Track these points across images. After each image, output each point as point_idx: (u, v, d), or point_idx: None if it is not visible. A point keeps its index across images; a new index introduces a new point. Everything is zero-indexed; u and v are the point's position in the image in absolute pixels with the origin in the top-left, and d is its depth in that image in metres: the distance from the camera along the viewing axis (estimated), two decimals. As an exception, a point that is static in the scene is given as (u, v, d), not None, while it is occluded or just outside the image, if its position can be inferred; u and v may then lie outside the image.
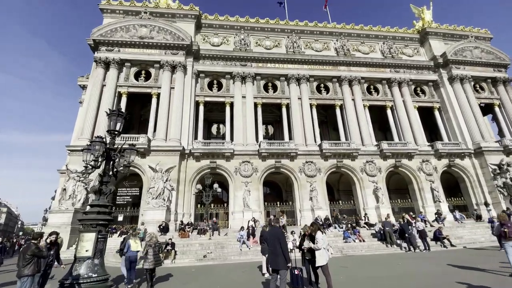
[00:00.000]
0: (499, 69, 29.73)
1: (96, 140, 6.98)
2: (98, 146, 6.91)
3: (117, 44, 23.92)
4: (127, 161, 7.63)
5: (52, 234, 6.36)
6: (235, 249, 13.33)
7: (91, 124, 21.31)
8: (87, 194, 18.90)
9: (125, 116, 7.82)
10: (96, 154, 6.92)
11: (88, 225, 6.28)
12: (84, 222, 6.35)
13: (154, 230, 16.94)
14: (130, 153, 7.63)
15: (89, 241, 6.14)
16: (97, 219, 6.38)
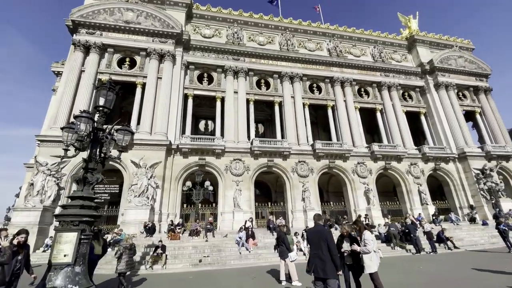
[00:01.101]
0: (481, 78, 31.14)
1: (82, 115, 5.59)
2: (84, 124, 5.53)
3: (99, 27, 21.86)
4: (120, 144, 6.26)
5: (21, 233, 4.86)
6: (234, 252, 12.12)
7: (66, 112, 19.11)
8: (59, 190, 16.81)
9: (117, 91, 6.46)
10: (82, 133, 5.52)
11: (68, 222, 4.91)
12: (63, 218, 4.97)
13: (137, 231, 15.29)
14: (124, 135, 6.27)
15: (68, 243, 4.79)
16: (80, 215, 5.02)
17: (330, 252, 4.15)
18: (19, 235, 4.83)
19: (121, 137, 6.29)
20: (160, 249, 10.56)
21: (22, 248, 4.78)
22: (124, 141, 6.33)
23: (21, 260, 4.67)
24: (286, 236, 7.20)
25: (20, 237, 4.76)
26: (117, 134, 6.35)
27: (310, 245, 4.57)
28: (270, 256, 11.45)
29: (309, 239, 4.70)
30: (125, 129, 6.33)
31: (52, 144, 17.73)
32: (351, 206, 22.80)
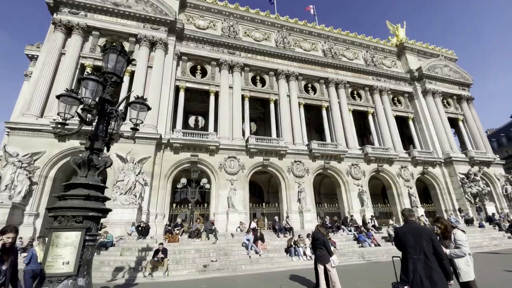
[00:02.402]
0: (463, 87, 32.63)
1: (90, 77, 4.37)
2: (93, 89, 4.31)
3: (84, 7, 19.88)
4: (134, 122, 5.07)
5: (7, 232, 3.47)
6: (243, 256, 11.00)
7: (42, 98, 16.99)
8: (31, 185, 14.77)
9: (128, 57, 5.27)
10: (89, 102, 4.29)
11: (69, 218, 3.67)
12: (61, 212, 3.73)
13: (124, 232, 13.69)
14: (139, 110, 5.07)
15: (69, 246, 3.57)
16: (85, 208, 3.81)
17: (439, 257, 3.34)
18: (3, 234, 3.49)
19: (135, 112, 5.07)
20: (161, 253, 9.22)
21: (8, 254, 3.46)
22: (139, 117, 5.11)
23: (6, 271, 3.31)
24: (326, 237, 6.36)
25: (6, 238, 3.43)
26: (131, 108, 5.13)
27: (406, 247, 3.72)
28: (284, 260, 10.56)
29: (401, 240, 3.85)
30: (141, 102, 5.11)
31: (25, 132, 15.64)
32: (345, 208, 22.52)
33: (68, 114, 4.51)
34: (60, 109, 4.54)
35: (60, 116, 4.52)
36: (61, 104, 4.53)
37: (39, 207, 15.01)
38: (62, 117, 4.50)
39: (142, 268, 9.25)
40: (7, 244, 3.43)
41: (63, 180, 17.28)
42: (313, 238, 6.37)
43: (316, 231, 6.46)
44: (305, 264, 9.95)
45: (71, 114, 4.55)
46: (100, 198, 4.11)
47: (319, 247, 6.09)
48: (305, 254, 10.70)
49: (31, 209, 14.60)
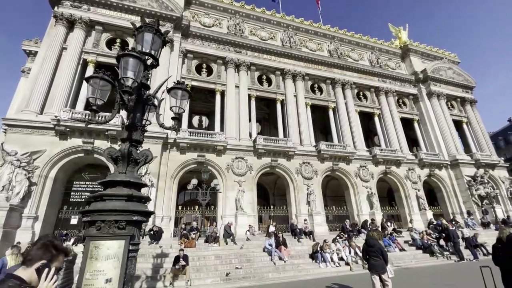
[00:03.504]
0: (467, 90, 32.67)
1: (132, 53, 3.68)
2: (135, 66, 3.63)
3: (87, 1, 19.10)
4: (174, 110, 4.39)
5: None
6: (267, 262, 10.28)
7: (42, 94, 16.10)
8: (30, 186, 13.84)
9: (164, 38, 4.63)
10: (131, 83, 3.61)
11: (111, 223, 2.98)
12: (101, 217, 3.03)
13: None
14: (181, 97, 4.39)
15: (111, 259, 2.88)
16: (128, 211, 3.13)
17: None
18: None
19: (176, 100, 4.37)
20: (182, 260, 8.45)
21: None
22: (180, 106, 4.42)
23: None
24: (382, 244, 5.78)
25: None
26: (171, 96, 4.45)
27: None
28: (311, 267, 9.92)
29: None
30: (181, 88, 4.43)
31: (24, 130, 14.73)
32: (354, 211, 22.03)
33: (99, 99, 3.82)
34: (89, 93, 3.85)
35: (90, 101, 3.83)
36: (91, 88, 3.85)
37: (38, 210, 14.08)
38: (92, 102, 3.82)
39: (161, 277, 8.48)
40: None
41: (64, 181, 16.41)
42: (367, 245, 5.75)
43: (370, 237, 5.86)
44: (335, 271, 9.36)
45: (102, 99, 3.86)
46: (142, 198, 3.43)
47: (374, 255, 5.48)
48: (332, 260, 10.10)
49: (30, 212, 13.67)
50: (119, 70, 3.67)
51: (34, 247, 1.71)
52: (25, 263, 1.63)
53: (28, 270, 1.59)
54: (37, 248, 1.68)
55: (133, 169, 3.61)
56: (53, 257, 1.68)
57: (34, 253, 1.66)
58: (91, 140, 15.71)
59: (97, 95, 3.77)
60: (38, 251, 1.67)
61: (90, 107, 3.81)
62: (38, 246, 1.69)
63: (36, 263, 1.61)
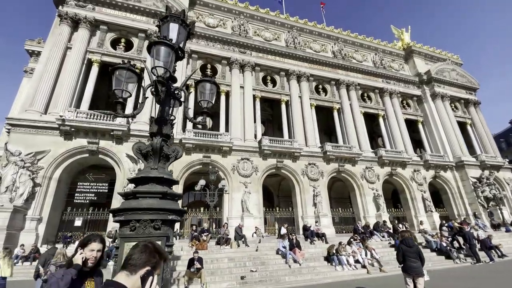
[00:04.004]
0: (470, 92, 32.63)
1: (164, 41, 3.47)
2: (167, 56, 3.42)
3: (92, 1, 18.94)
4: (203, 103, 4.16)
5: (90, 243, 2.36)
6: (282, 265, 9.99)
7: (46, 93, 15.87)
8: (34, 187, 13.54)
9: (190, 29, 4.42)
10: (163, 72, 3.40)
11: (146, 223, 2.74)
12: (135, 215, 2.78)
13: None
14: (210, 91, 4.16)
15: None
16: (165, 210, 2.89)
17: None
18: (85, 246, 2.33)
19: (204, 93, 4.14)
20: (197, 263, 8.17)
21: (92, 275, 2.33)
22: (208, 99, 4.17)
23: None
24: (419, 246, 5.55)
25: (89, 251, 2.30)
26: (198, 88, 4.21)
27: None
28: (327, 270, 9.65)
29: None
30: (210, 81, 4.19)
31: (28, 130, 14.47)
32: (360, 213, 21.78)
33: (125, 91, 3.59)
34: (115, 85, 3.63)
35: (116, 93, 3.61)
36: (116, 79, 3.63)
37: (42, 211, 13.78)
38: (118, 95, 3.59)
39: (175, 281, 8.18)
40: (90, 261, 2.33)
41: (67, 182, 16.12)
42: (405, 245, 5.48)
43: (407, 237, 5.62)
44: (353, 274, 9.10)
45: (129, 92, 3.64)
46: (175, 196, 3.20)
47: (413, 256, 5.24)
48: (348, 263, 9.84)
49: (34, 213, 13.36)
50: (151, 58, 3.46)
51: (135, 249, 1.49)
52: (127, 268, 1.42)
53: (132, 277, 1.38)
54: (140, 252, 1.45)
55: (164, 164, 3.38)
56: (157, 263, 1.47)
57: (138, 257, 1.44)
58: (96, 140, 15.46)
59: (123, 87, 3.54)
60: (142, 256, 1.44)
61: (116, 99, 3.58)
62: (141, 250, 1.46)
63: (140, 269, 1.40)
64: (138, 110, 3.75)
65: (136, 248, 1.49)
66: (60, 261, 6.34)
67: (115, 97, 3.59)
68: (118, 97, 3.57)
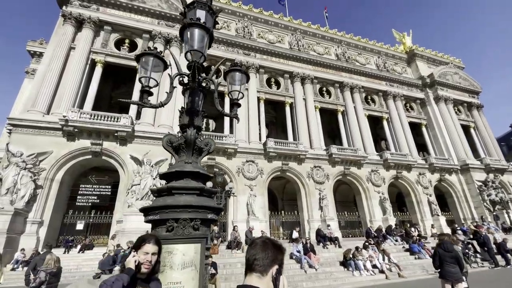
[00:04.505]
0: (473, 95, 32.63)
1: (198, 22, 3.19)
2: (201, 39, 3.15)
3: (96, 1, 18.76)
4: (234, 94, 3.86)
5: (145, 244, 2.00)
6: (297, 271, 9.60)
7: (49, 93, 15.55)
8: (35, 189, 13.13)
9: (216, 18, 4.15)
10: (199, 57, 3.12)
11: (185, 222, 2.42)
12: (173, 214, 2.46)
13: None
14: (240, 81, 3.87)
15: (188, 268, 2.34)
16: (204, 208, 2.58)
17: None
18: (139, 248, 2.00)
19: (235, 83, 3.83)
20: (211, 268, 7.83)
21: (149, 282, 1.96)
22: (240, 90, 3.86)
23: None
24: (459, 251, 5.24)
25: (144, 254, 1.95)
26: (228, 79, 3.92)
27: None
28: (344, 276, 9.29)
29: None
30: (241, 70, 3.89)
31: (30, 130, 14.11)
32: (366, 216, 21.45)
33: (152, 79, 3.31)
34: (140, 73, 3.35)
35: (141, 82, 3.32)
36: (142, 68, 3.35)
37: (43, 214, 13.35)
38: (143, 83, 3.31)
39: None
40: (144, 266, 1.92)
41: (70, 184, 15.72)
42: (444, 249, 5.17)
43: (446, 241, 5.31)
44: (372, 279, 8.77)
45: (155, 80, 3.36)
46: (212, 193, 2.89)
47: (451, 261, 4.93)
48: (366, 268, 9.50)
49: (35, 216, 12.94)
50: (184, 43, 3.18)
51: (256, 248, 1.28)
52: (256, 270, 1.24)
53: (264, 278, 1.25)
54: (263, 251, 1.26)
55: (196, 159, 3.08)
56: (283, 259, 1.31)
57: (264, 256, 1.25)
58: (100, 141, 15.10)
59: (150, 73, 3.26)
60: (268, 254, 1.26)
61: (143, 88, 3.29)
62: (263, 248, 1.27)
63: (270, 269, 1.26)
64: (166, 100, 3.46)
65: (256, 247, 1.32)
66: (50, 267, 6.07)
67: (118, 98, 3.34)
68: (144, 86, 3.28)
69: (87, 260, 12.24)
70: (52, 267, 6.09)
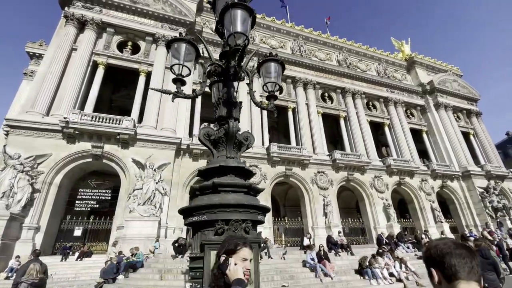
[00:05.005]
0: (471, 102, 32.95)
1: (243, 3, 2.91)
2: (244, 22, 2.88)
3: (99, 3, 18.55)
4: (269, 86, 3.56)
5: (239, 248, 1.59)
6: (312, 279, 9.09)
7: (49, 94, 15.13)
8: (33, 193, 12.58)
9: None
10: (241, 42, 2.85)
11: (238, 224, 2.10)
12: (222, 215, 2.13)
13: (145, 249, 11.68)
14: (276, 70, 3.57)
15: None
16: (255, 208, 2.27)
17: None
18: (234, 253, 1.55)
19: (270, 75, 3.53)
20: None
21: None
22: (276, 81, 3.57)
23: None
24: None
25: (241, 260, 1.56)
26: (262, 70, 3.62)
27: None
28: (362, 285, 8.88)
29: None
30: (276, 59, 3.59)
31: (28, 132, 13.63)
32: (370, 223, 21.13)
33: (185, 67, 3.03)
34: (173, 61, 3.06)
35: (172, 70, 3.04)
36: (174, 55, 3.07)
37: (40, 219, 12.76)
38: (175, 72, 3.02)
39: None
40: (246, 276, 1.51)
41: (68, 188, 15.16)
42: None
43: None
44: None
45: (188, 68, 3.07)
46: (258, 192, 2.57)
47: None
48: (383, 276, 9.12)
49: (32, 221, 12.35)
50: (225, 25, 2.91)
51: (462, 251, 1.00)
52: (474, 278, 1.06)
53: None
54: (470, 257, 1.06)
55: (236, 153, 2.77)
56: None
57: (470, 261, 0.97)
58: (101, 144, 14.65)
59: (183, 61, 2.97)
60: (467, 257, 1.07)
61: (176, 77, 3.00)
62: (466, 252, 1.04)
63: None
64: (201, 90, 3.16)
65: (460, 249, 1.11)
66: (32, 278, 5.62)
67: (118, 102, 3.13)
68: (177, 75, 2.99)
69: (86, 268, 11.66)
70: (34, 277, 5.57)
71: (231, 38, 2.82)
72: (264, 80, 3.58)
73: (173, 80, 3.00)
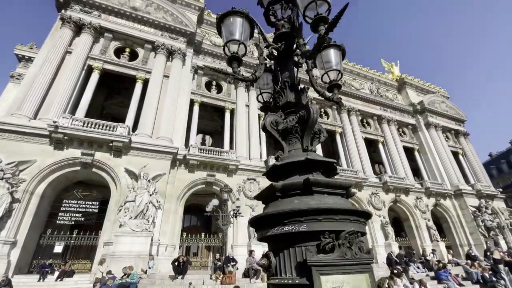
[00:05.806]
0: (459, 123, 34.17)
1: None
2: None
3: (99, 7, 18.14)
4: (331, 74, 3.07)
5: None
6: None
7: (38, 97, 14.17)
8: (12, 203, 11.32)
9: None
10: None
11: (352, 239, 1.52)
12: (324, 223, 1.57)
13: (137, 268, 10.55)
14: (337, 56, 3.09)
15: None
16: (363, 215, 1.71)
17: None
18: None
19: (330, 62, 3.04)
20: None
21: None
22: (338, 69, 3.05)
23: None
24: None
25: None
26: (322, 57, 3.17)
27: None
28: None
29: None
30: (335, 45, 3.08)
31: (12, 136, 12.56)
32: (368, 241, 20.56)
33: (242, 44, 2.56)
34: (227, 37, 2.59)
35: (228, 48, 2.55)
36: (226, 30, 2.61)
37: (17, 233, 11.41)
38: (230, 50, 2.54)
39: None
40: None
41: (51, 199, 13.85)
42: None
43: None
44: None
45: (245, 45, 2.60)
46: (350, 195, 2.02)
47: None
48: None
49: (8, 235, 10.99)
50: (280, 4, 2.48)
51: None
52: None
53: None
54: None
55: (313, 147, 2.24)
56: None
57: None
58: (92, 152, 13.65)
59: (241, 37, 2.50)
60: None
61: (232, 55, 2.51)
62: None
63: None
64: (259, 73, 2.66)
65: None
66: None
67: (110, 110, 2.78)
68: (232, 53, 2.51)
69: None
70: None
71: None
72: (324, 69, 3.05)
73: (228, 60, 2.51)
